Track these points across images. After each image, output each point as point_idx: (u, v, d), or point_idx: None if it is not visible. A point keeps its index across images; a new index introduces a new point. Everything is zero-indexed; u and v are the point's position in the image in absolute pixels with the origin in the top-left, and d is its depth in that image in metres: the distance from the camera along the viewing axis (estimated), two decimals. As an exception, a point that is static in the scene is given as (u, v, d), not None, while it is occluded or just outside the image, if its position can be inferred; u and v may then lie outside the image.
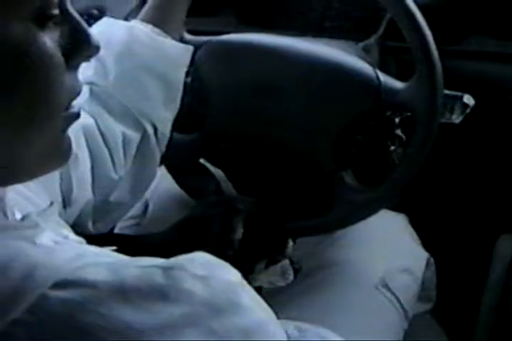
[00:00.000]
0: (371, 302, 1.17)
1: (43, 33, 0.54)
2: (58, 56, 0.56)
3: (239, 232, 0.97)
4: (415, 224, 1.35)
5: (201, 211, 1.07)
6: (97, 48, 0.61)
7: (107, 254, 0.58)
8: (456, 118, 1.17)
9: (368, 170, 1.19)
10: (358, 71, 1.11)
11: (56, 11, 0.56)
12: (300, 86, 1.15)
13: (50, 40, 0.55)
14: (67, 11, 0.58)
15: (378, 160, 1.17)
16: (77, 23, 0.59)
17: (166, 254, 0.59)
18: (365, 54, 1.30)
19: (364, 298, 1.17)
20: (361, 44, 1.34)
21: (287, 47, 1.16)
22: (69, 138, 0.63)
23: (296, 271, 1.10)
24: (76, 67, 0.60)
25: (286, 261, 1.08)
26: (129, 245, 0.80)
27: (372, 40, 1.35)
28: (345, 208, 1.15)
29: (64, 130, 0.62)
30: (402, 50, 1.29)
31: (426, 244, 1.32)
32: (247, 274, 0.59)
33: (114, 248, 0.64)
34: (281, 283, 1.09)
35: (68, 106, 0.60)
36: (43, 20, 0.54)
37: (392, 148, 1.17)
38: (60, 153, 0.63)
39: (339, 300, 1.16)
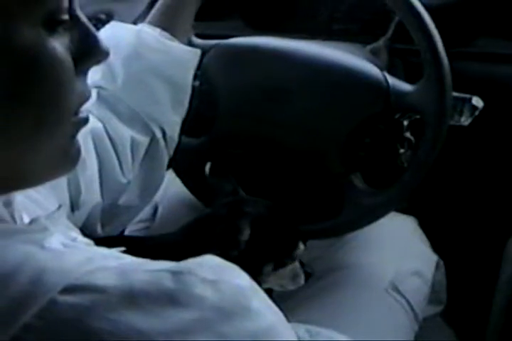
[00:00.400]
0: (381, 305, 1.17)
1: (53, 39, 0.54)
2: (68, 61, 0.56)
3: (245, 233, 0.97)
4: (424, 226, 1.35)
5: (211, 212, 1.08)
6: (107, 53, 0.61)
7: (116, 256, 0.58)
8: (465, 121, 1.17)
9: (377, 173, 1.19)
10: (366, 74, 1.11)
11: (66, 17, 0.56)
12: (308, 89, 1.15)
13: (60, 45, 0.55)
14: (76, 16, 0.59)
15: (387, 163, 1.17)
16: (87, 28, 0.60)
17: (175, 255, 0.59)
18: (374, 56, 1.29)
19: (374, 300, 1.17)
20: (369, 47, 1.33)
21: (295, 51, 1.16)
22: (78, 144, 0.63)
23: (308, 275, 1.09)
24: (85, 72, 0.61)
25: (297, 265, 1.07)
26: (138, 246, 0.80)
27: (380, 42, 1.35)
28: (355, 211, 1.15)
29: (73, 136, 0.62)
30: (410, 52, 1.29)
31: (435, 247, 1.31)
32: (255, 276, 0.59)
33: (123, 249, 0.64)
34: (291, 287, 1.09)
35: (77, 112, 0.60)
36: (53, 25, 0.54)
37: (402, 150, 1.17)
38: (69, 159, 0.63)
39: (350, 303, 1.16)
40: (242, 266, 0.59)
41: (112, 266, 0.53)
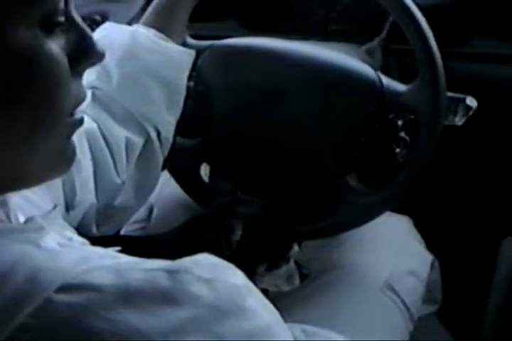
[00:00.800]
0: (377, 305, 1.17)
1: (50, 40, 0.55)
2: (65, 62, 0.56)
3: (237, 233, 0.97)
4: (419, 226, 1.35)
5: (206, 212, 1.08)
6: (102, 55, 0.62)
7: (112, 255, 0.58)
8: (459, 121, 1.18)
9: (372, 173, 1.19)
10: (361, 74, 1.12)
11: (62, 18, 0.56)
12: (303, 89, 1.15)
13: (56, 46, 0.55)
14: (72, 17, 0.59)
15: (382, 162, 1.18)
16: (83, 30, 0.60)
17: (170, 255, 0.59)
18: (368, 57, 1.30)
19: (369, 300, 1.18)
20: (364, 47, 1.34)
21: (290, 51, 1.16)
22: (73, 145, 0.63)
23: (303, 276, 1.09)
24: (81, 74, 0.61)
25: (292, 266, 1.08)
26: (134, 246, 0.80)
27: (375, 43, 1.35)
28: (350, 211, 1.15)
29: (69, 136, 0.62)
30: (404, 52, 1.30)
31: (430, 246, 1.32)
32: (249, 276, 0.60)
33: (119, 248, 0.64)
34: (286, 288, 1.09)
35: (73, 113, 0.61)
36: (49, 26, 0.54)
37: (397, 150, 1.17)
38: (64, 160, 0.63)
39: (345, 303, 1.17)
40: (234, 265, 0.60)
41: (107, 265, 0.54)
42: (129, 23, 1.18)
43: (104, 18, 1.58)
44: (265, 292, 1.05)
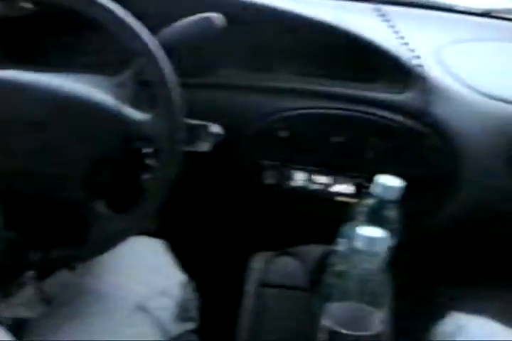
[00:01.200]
0: (130, 325, 1.20)
1: None
2: None
3: None
4: (174, 248, 1.40)
5: None
6: None
7: None
8: (204, 147, 1.25)
9: (121, 199, 1.23)
10: (103, 105, 1.16)
11: None
12: (53, 120, 1.17)
13: None
14: None
15: (130, 188, 1.22)
16: None
17: None
18: (118, 88, 1.33)
19: (123, 321, 1.20)
20: (115, 78, 1.37)
21: (36, 83, 1.18)
22: None
23: (47, 302, 1.11)
24: None
25: (31, 292, 1.09)
26: None
27: (126, 74, 1.39)
28: (98, 236, 1.19)
29: None
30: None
31: (185, 267, 1.37)
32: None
33: None
34: (28, 314, 1.10)
35: None
36: None
37: (144, 176, 1.22)
38: None
39: (99, 327, 1.18)
40: None
41: None
42: None
43: None
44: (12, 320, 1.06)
